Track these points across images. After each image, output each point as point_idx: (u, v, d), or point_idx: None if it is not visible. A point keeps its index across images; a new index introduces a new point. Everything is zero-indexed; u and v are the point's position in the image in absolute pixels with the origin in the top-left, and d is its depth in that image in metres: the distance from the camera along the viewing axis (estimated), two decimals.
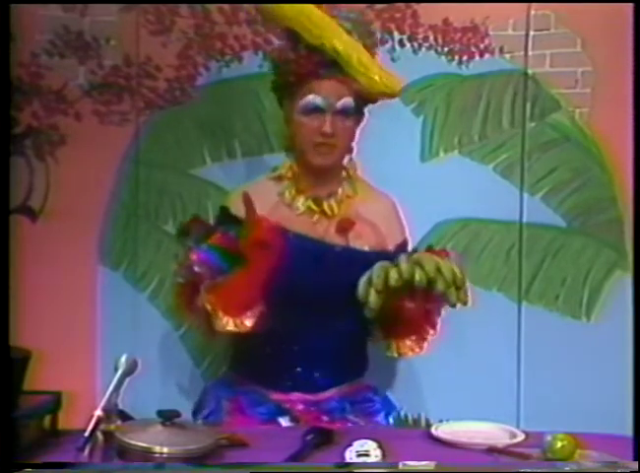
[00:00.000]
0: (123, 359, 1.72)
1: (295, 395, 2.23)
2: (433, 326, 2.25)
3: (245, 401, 2.24)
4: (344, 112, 2.18)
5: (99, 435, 1.59)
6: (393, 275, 2.03)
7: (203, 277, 2.11)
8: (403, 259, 2.07)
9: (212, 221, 2.38)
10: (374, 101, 2.25)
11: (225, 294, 2.09)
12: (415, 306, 2.11)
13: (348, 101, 2.18)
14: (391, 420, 2.32)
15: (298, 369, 2.22)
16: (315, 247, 2.19)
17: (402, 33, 2.71)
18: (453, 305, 2.09)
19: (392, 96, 2.23)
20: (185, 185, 2.76)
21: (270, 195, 2.23)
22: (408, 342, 2.26)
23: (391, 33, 2.70)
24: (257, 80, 2.65)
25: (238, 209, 2.18)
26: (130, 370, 1.72)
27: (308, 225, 2.21)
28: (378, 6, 2.68)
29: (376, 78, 2.17)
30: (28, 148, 2.71)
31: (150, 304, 2.76)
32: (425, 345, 2.27)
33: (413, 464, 1.70)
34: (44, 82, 2.70)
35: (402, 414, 2.55)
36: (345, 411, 2.24)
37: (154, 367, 2.65)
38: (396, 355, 2.28)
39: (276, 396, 2.23)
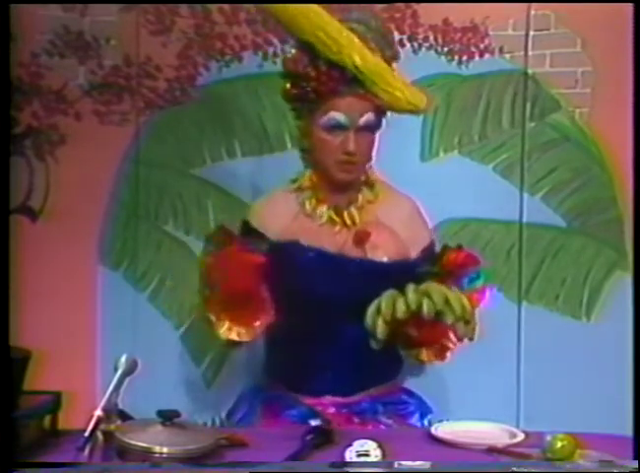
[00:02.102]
0: (123, 359, 1.72)
1: (327, 399, 2.22)
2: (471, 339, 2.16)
3: (278, 405, 2.24)
4: (366, 128, 2.14)
5: (99, 435, 1.59)
6: (400, 307, 1.98)
7: (209, 272, 2.14)
8: (410, 289, 2.01)
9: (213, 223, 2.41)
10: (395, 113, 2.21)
11: (232, 303, 2.12)
12: (424, 334, 2.09)
13: (370, 117, 2.14)
14: (426, 422, 2.28)
15: (327, 373, 2.21)
16: (333, 260, 2.17)
17: (402, 33, 2.71)
18: (460, 339, 2.07)
19: (416, 112, 2.19)
20: (185, 185, 2.77)
21: (291, 205, 2.22)
22: (429, 351, 2.24)
23: (391, 34, 2.69)
24: (257, 80, 2.66)
25: (259, 223, 2.22)
26: (130, 370, 1.72)
27: (329, 236, 2.19)
28: (378, 6, 2.67)
29: (399, 94, 2.12)
30: (28, 148, 2.71)
31: (150, 304, 2.76)
32: (449, 353, 2.24)
33: (408, 464, 1.70)
34: (44, 82, 2.70)
35: None
36: (377, 413, 2.22)
37: (154, 367, 2.64)
38: (417, 361, 2.28)
39: (307, 400, 2.22)
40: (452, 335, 2.17)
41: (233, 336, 2.15)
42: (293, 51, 2.20)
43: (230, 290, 2.14)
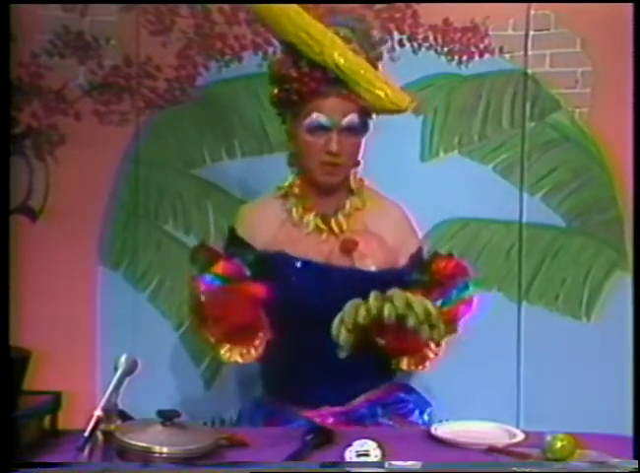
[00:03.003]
0: (123, 359, 1.72)
1: (325, 409, 2.21)
2: (437, 344, 2.18)
3: (278, 420, 2.23)
4: (349, 129, 2.14)
5: (99, 435, 1.59)
6: (361, 312, 1.99)
7: (209, 306, 2.11)
8: (372, 296, 2.01)
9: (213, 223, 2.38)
10: (378, 114, 2.21)
11: (230, 325, 2.10)
12: (390, 340, 2.08)
13: (353, 117, 2.14)
14: (426, 417, 2.28)
15: (323, 384, 2.20)
16: (320, 271, 2.16)
17: (402, 33, 2.71)
18: (426, 342, 2.07)
19: (398, 111, 2.18)
20: (185, 185, 2.77)
21: (278, 213, 2.22)
22: (410, 359, 2.22)
23: (391, 33, 2.70)
24: (257, 80, 2.65)
25: (245, 230, 2.23)
26: (130, 370, 1.72)
27: (315, 244, 2.18)
28: (378, 6, 2.68)
29: (381, 94, 2.12)
30: (27, 148, 2.71)
31: (150, 304, 2.76)
32: (428, 363, 2.22)
33: (400, 464, 1.69)
34: (44, 82, 2.71)
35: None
36: (376, 416, 2.21)
37: (154, 367, 2.64)
38: (397, 369, 2.26)
39: (306, 413, 2.20)
40: (431, 344, 2.17)
41: (236, 358, 2.13)
42: (279, 55, 2.22)
43: (233, 323, 2.11)
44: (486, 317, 2.64)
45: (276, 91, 2.19)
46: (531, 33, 2.72)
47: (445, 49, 2.73)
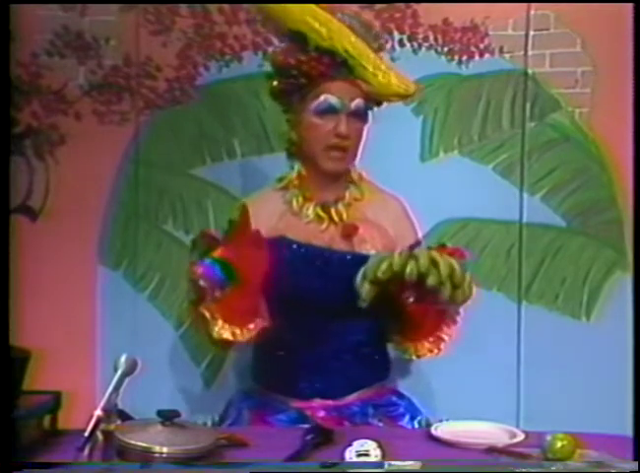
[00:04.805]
0: (123, 359, 1.72)
1: (316, 402, 2.21)
2: (449, 325, 2.20)
3: (266, 410, 2.22)
4: (356, 114, 2.16)
5: (99, 434, 1.59)
6: (382, 266, 2.00)
7: (208, 291, 2.09)
8: (397, 252, 2.04)
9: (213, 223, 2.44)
10: (380, 104, 2.23)
11: (226, 305, 2.09)
12: (413, 303, 2.07)
13: (360, 102, 2.16)
14: (416, 424, 2.27)
15: (316, 375, 2.20)
16: (321, 255, 2.17)
17: (402, 32, 2.72)
18: (447, 303, 2.06)
19: (406, 96, 2.21)
20: (185, 185, 2.77)
21: (277, 204, 2.22)
22: (425, 344, 2.23)
23: (391, 33, 2.70)
24: (257, 80, 2.65)
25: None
26: (130, 370, 1.71)
27: (316, 232, 2.18)
28: (378, 6, 2.68)
29: (388, 78, 2.15)
30: (28, 148, 2.72)
31: (150, 303, 2.76)
32: (443, 345, 2.23)
33: (398, 463, 1.69)
34: (44, 82, 2.71)
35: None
36: (367, 415, 2.21)
37: (154, 367, 2.64)
38: (414, 357, 2.26)
39: (297, 404, 2.21)
40: (445, 326, 2.20)
41: (227, 335, 2.09)
42: (283, 46, 2.22)
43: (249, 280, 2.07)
44: (486, 317, 2.65)
45: (278, 82, 2.19)
46: (531, 32, 2.72)
47: (445, 49, 2.73)
